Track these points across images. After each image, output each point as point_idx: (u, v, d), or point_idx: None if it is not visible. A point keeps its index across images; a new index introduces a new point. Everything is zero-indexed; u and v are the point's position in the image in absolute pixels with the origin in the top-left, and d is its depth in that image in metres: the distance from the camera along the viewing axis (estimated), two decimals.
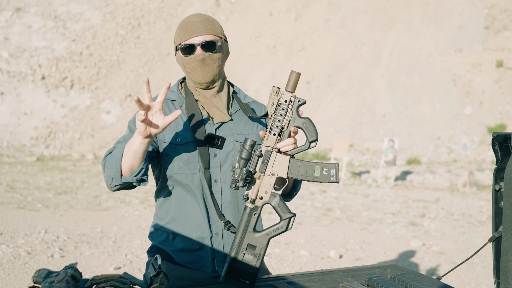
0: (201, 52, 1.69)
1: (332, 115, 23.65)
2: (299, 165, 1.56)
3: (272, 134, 1.54)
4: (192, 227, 1.73)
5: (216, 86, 1.76)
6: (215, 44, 1.70)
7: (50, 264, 4.99)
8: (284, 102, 1.54)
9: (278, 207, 1.55)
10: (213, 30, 1.71)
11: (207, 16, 1.74)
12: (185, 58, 1.72)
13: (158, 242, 1.78)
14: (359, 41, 28.01)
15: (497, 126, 21.12)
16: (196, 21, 1.70)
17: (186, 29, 1.70)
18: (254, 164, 1.53)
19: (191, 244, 1.73)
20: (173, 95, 1.80)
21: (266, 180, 1.54)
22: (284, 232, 1.55)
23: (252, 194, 1.54)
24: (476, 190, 12.23)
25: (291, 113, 1.55)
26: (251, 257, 1.53)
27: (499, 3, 27.93)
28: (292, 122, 1.55)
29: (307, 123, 1.55)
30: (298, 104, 1.55)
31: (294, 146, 1.55)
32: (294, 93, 1.55)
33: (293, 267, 5.25)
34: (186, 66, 1.73)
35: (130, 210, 8.49)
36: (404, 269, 1.85)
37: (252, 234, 1.54)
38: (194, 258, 1.75)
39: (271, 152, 1.54)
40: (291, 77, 1.54)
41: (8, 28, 28.15)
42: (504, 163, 1.54)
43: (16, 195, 9.80)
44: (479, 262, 5.45)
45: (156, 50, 29.38)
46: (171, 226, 1.75)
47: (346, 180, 13.93)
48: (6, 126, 23.41)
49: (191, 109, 1.74)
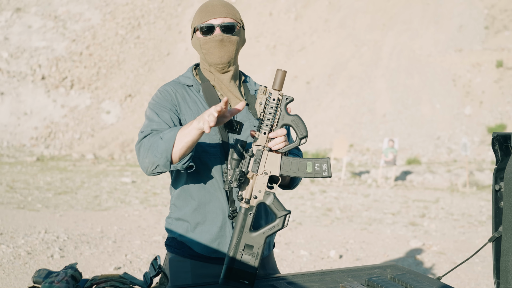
0: (220, 33, 1.70)
1: (332, 115, 23.65)
2: (291, 162, 1.57)
3: (262, 133, 1.55)
4: (214, 213, 1.71)
5: (231, 70, 1.77)
6: (234, 27, 1.72)
7: (50, 264, 4.99)
8: (272, 101, 1.54)
9: (273, 205, 1.55)
10: (233, 15, 1.73)
11: (227, 1, 1.77)
12: (203, 38, 1.72)
13: (178, 234, 1.75)
14: (359, 41, 28.01)
15: (497, 126, 21.12)
16: (217, 4, 1.73)
17: (206, 11, 1.72)
18: (247, 164, 1.53)
19: (214, 232, 1.71)
20: (189, 81, 1.80)
21: (259, 179, 1.55)
22: (280, 229, 1.56)
23: (246, 194, 1.54)
24: (476, 190, 12.23)
25: (280, 111, 1.56)
26: (249, 257, 1.53)
27: (499, 3, 27.92)
28: (281, 120, 1.56)
29: (296, 120, 1.56)
30: (286, 101, 1.56)
31: (284, 144, 1.56)
32: (281, 91, 1.56)
33: (293, 267, 5.25)
34: (203, 47, 1.73)
35: (130, 210, 8.49)
36: (404, 269, 1.85)
37: (248, 234, 1.54)
38: (217, 247, 1.71)
39: (262, 151, 1.55)
40: (277, 75, 1.55)
41: (8, 28, 28.15)
42: (504, 163, 1.54)
43: (16, 195, 9.80)
44: (479, 262, 5.45)
45: (156, 50, 29.38)
46: (192, 215, 1.72)
47: (346, 180, 13.93)
48: (6, 126, 23.41)
49: (209, 94, 1.75)
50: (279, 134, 1.55)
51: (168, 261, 1.78)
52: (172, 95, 1.75)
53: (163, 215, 8.09)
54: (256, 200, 1.55)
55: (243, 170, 1.52)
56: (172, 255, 1.77)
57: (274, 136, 1.55)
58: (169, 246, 1.79)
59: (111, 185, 11.96)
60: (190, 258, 1.73)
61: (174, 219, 1.77)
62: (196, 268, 1.72)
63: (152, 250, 5.72)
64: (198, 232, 1.72)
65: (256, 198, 1.55)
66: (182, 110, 1.74)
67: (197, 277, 1.71)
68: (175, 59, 28.65)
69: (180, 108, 1.74)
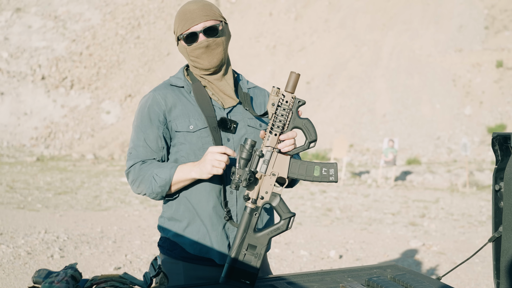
0: (205, 39, 1.68)
1: (332, 115, 23.65)
2: (299, 165, 1.58)
3: (273, 134, 1.55)
4: (207, 213, 1.70)
5: (222, 70, 1.75)
6: (217, 29, 1.70)
7: (50, 264, 4.99)
8: (285, 103, 1.55)
9: (278, 207, 1.56)
10: (213, 15, 1.70)
11: (204, 2, 1.72)
12: (188, 47, 1.70)
13: (171, 235, 1.74)
14: (359, 41, 28.01)
15: (497, 126, 21.12)
16: (195, 9, 1.69)
17: (186, 18, 1.69)
18: (255, 164, 1.54)
19: (206, 232, 1.70)
20: (180, 82, 1.78)
21: (267, 180, 1.55)
22: (285, 231, 1.56)
23: (253, 194, 1.54)
24: (476, 190, 12.23)
25: (291, 113, 1.56)
26: (251, 257, 1.54)
27: (499, 3, 27.93)
28: (292, 122, 1.57)
29: (307, 124, 1.56)
30: (298, 104, 1.57)
31: (294, 147, 1.57)
32: (294, 94, 1.56)
33: (293, 267, 5.25)
34: (190, 55, 1.72)
35: (130, 210, 8.49)
36: (404, 269, 1.85)
37: (252, 234, 1.54)
38: (210, 246, 1.70)
39: (272, 152, 1.55)
40: (290, 78, 1.55)
41: (8, 28, 28.15)
42: (504, 163, 1.54)
43: (16, 195, 9.80)
44: (479, 262, 5.45)
45: (156, 50, 29.38)
46: (184, 214, 1.72)
47: (346, 180, 13.93)
48: (6, 126, 23.41)
49: (200, 95, 1.73)
50: (290, 137, 1.56)
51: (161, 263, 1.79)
52: (160, 104, 1.73)
53: None
54: (262, 200, 1.55)
55: (253, 170, 1.52)
56: (165, 256, 1.76)
57: (285, 138, 1.55)
58: (161, 247, 1.78)
59: (111, 185, 11.96)
60: (182, 260, 1.72)
61: (167, 219, 1.76)
62: (188, 270, 1.71)
63: (152, 250, 5.72)
64: (190, 231, 1.70)
65: (263, 198, 1.55)
66: (172, 115, 1.72)
67: (190, 279, 1.70)
68: (175, 59, 28.65)
69: (170, 114, 1.72)
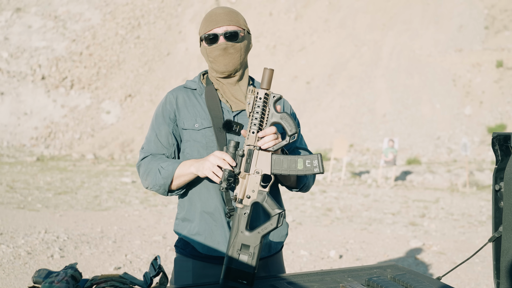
0: (224, 42, 1.74)
1: (332, 115, 23.66)
2: (282, 160, 1.58)
3: (251, 133, 1.56)
4: (215, 213, 1.75)
5: (237, 76, 1.80)
6: (238, 35, 1.75)
7: (50, 264, 4.99)
8: (259, 100, 1.55)
9: (266, 204, 1.56)
10: (236, 22, 1.77)
11: (231, 9, 1.80)
12: (208, 47, 1.76)
13: (183, 235, 1.80)
14: (359, 41, 28.01)
15: (497, 126, 21.13)
16: (220, 13, 1.77)
17: (210, 20, 1.77)
18: (239, 164, 1.55)
19: (214, 231, 1.74)
20: (194, 85, 1.86)
21: (252, 178, 1.56)
22: (275, 229, 1.56)
23: (239, 194, 1.56)
24: (476, 190, 12.23)
25: (268, 109, 1.56)
26: (246, 257, 1.54)
27: (499, 3, 27.94)
28: (271, 118, 1.57)
29: (285, 117, 1.56)
30: (274, 100, 1.57)
31: (275, 142, 1.57)
32: (269, 90, 1.56)
33: (293, 267, 5.25)
34: (209, 56, 1.78)
35: (130, 210, 8.49)
36: (404, 269, 1.85)
37: (243, 234, 1.55)
38: (217, 246, 1.75)
39: (253, 151, 1.56)
40: (264, 74, 1.56)
41: (8, 28, 28.15)
42: (504, 163, 1.54)
43: (16, 195, 9.81)
44: (479, 262, 5.45)
45: (156, 50, 29.39)
46: (194, 215, 1.78)
47: (346, 180, 13.93)
48: (6, 126, 23.42)
49: (211, 97, 1.80)
50: (267, 133, 1.56)
51: (174, 261, 1.86)
52: (172, 103, 1.83)
53: (163, 215, 8.09)
54: (249, 199, 1.56)
55: (233, 171, 1.53)
56: (178, 255, 1.84)
57: (263, 135, 1.56)
58: (176, 247, 1.86)
59: (111, 185, 11.97)
60: (192, 258, 1.78)
61: (180, 220, 1.84)
62: (197, 268, 1.76)
63: (152, 250, 5.72)
64: (198, 230, 1.76)
65: (250, 197, 1.56)
66: (181, 114, 1.81)
67: (198, 276, 1.75)
68: (175, 59, 28.66)
69: (179, 112, 1.81)
